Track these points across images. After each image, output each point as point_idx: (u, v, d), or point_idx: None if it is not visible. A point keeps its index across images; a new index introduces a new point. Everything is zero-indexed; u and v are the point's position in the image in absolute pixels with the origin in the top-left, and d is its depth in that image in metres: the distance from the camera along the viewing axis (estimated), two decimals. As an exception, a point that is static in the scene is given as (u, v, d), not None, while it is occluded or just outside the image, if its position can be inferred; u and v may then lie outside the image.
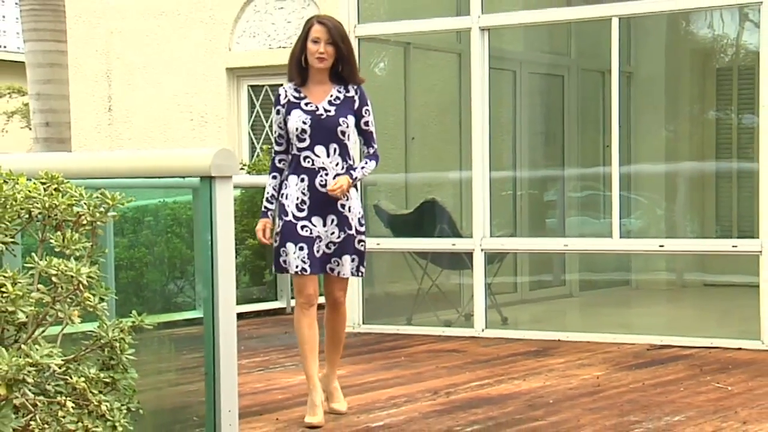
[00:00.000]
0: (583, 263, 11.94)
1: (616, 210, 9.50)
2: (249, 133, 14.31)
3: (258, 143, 14.04)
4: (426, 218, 10.38)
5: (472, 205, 9.84)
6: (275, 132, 6.28)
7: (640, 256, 11.65)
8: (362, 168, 6.21)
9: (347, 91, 6.17)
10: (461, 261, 10.09)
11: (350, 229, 6.15)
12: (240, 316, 5.74)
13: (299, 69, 6.15)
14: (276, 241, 6.27)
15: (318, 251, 6.12)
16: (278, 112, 6.20)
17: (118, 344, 5.10)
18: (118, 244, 6.61)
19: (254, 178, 11.64)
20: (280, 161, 6.27)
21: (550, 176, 12.66)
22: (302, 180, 6.10)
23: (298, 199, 6.10)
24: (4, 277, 4.58)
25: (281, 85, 14.25)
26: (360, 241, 6.20)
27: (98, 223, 5.13)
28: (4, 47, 38.87)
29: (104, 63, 15.29)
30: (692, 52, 13.52)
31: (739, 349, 8.72)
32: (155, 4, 14.75)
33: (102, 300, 5.03)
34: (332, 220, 6.12)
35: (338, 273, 6.19)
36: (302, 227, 6.09)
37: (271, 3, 14.11)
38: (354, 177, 6.15)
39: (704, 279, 11.86)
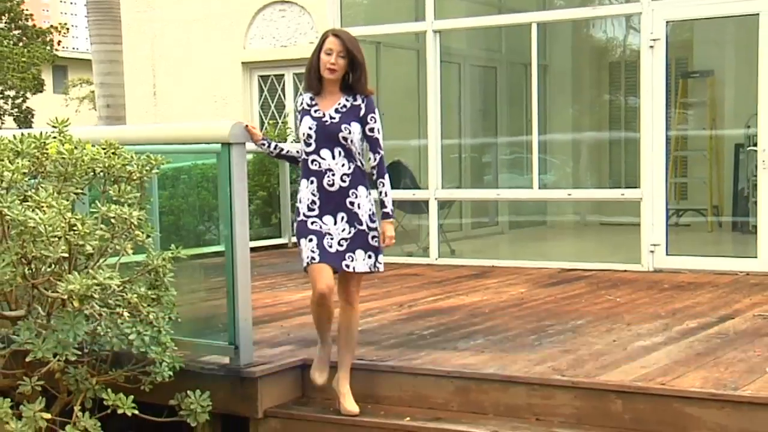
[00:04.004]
0: (511, 208, 11.96)
1: (536, 168, 9.51)
2: (259, 112, 14.25)
3: (265, 119, 13.97)
4: (393, 175, 10.30)
5: (428, 164, 9.86)
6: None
7: (554, 202, 11.69)
8: (385, 194, 5.06)
9: (354, 100, 5.00)
10: (420, 207, 10.09)
11: (361, 224, 4.98)
12: (253, 249, 5.69)
13: (317, 78, 5.02)
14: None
15: (330, 246, 4.93)
16: (295, 119, 5.26)
17: (161, 270, 5.12)
18: (161, 195, 6.55)
19: (263, 146, 11.57)
20: (298, 152, 5.11)
21: (486, 143, 12.64)
22: (311, 182, 4.99)
23: (309, 200, 4.99)
24: (76, 218, 4.58)
25: (283, 75, 14.28)
26: (374, 237, 5.01)
27: (145, 178, 5.13)
28: (77, 48, 38.53)
29: (150, 60, 15.15)
30: (591, 50, 13.51)
31: (625, 271, 8.77)
32: (188, 14, 14.61)
33: (149, 236, 5.04)
34: (342, 218, 4.97)
35: (353, 269, 4.95)
36: (312, 223, 4.97)
37: (276, 13, 13.99)
38: (392, 215, 5.11)
39: (601, 219, 11.91)
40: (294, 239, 5.20)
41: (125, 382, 5.08)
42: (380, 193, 5.07)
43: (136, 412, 4.86)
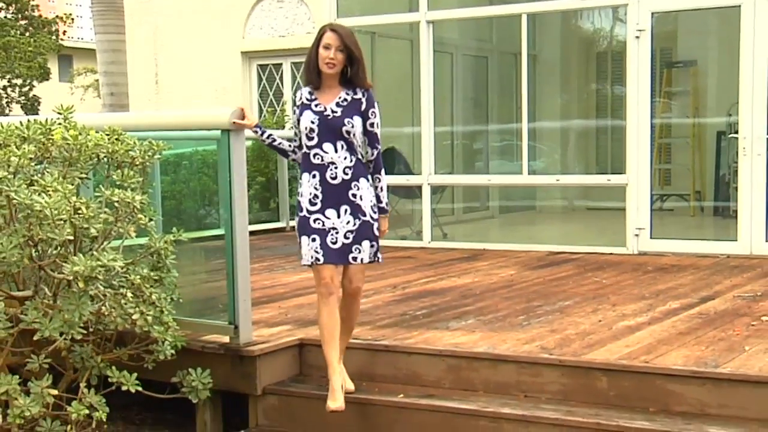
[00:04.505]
0: (501, 193, 11.97)
1: (525, 154, 9.52)
2: (258, 100, 14.22)
3: (264, 106, 13.96)
4: (387, 161, 10.28)
5: (422, 151, 9.85)
6: (293, 129, 5.05)
7: (542, 188, 11.71)
8: (381, 189, 4.95)
9: (355, 94, 4.85)
10: (413, 192, 10.09)
11: (364, 216, 4.82)
12: (251, 233, 5.67)
13: (316, 73, 4.86)
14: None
15: (335, 242, 4.80)
16: (294, 113, 5.05)
17: (163, 252, 5.12)
18: (163, 180, 6.52)
19: (262, 132, 11.54)
20: (290, 146, 5.05)
21: (477, 130, 12.64)
22: (314, 176, 4.83)
23: (311, 194, 4.83)
24: (81, 202, 4.58)
25: (281, 64, 14.24)
26: (377, 227, 4.90)
27: (147, 163, 5.12)
28: (82, 38, 38.39)
29: (152, 49, 15.11)
30: (579, 40, 13.50)
31: (611, 254, 8.79)
32: (189, 5, 14.57)
33: (151, 220, 5.04)
34: (345, 210, 4.81)
35: (360, 260, 4.84)
36: (315, 220, 4.81)
37: (274, 4, 13.94)
38: (387, 210, 4.98)
39: (587, 204, 11.93)
40: (292, 223, 5.10)
41: (129, 360, 5.09)
42: (376, 188, 4.94)
43: (140, 388, 4.88)
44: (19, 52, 25.98)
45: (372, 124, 4.90)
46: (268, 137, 5.06)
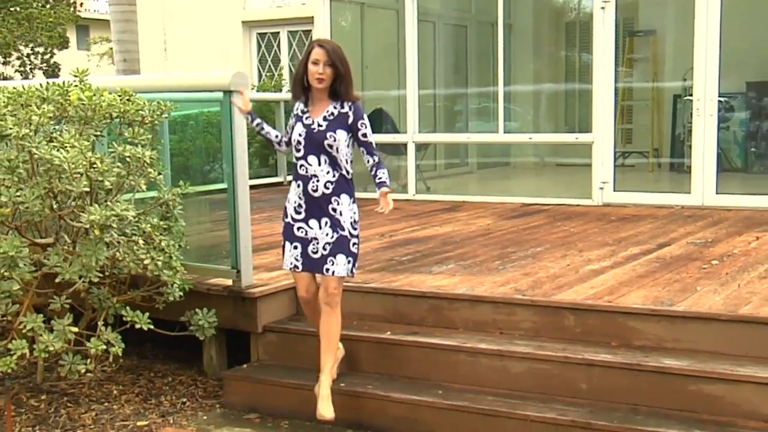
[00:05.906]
0: (479, 150, 11.93)
1: (501, 115, 9.48)
2: (257, 66, 14.09)
3: (263, 71, 13.83)
4: (375, 121, 10.25)
5: (407, 112, 9.78)
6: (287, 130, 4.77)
7: (516, 145, 11.66)
8: (384, 178, 4.60)
9: (342, 108, 4.52)
10: (399, 149, 10.04)
11: (343, 230, 4.53)
12: (252, 187, 5.62)
13: (303, 88, 4.56)
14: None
15: (315, 252, 4.53)
16: (289, 119, 4.76)
17: (171, 203, 5.10)
18: (172, 139, 6.48)
19: (260, 95, 11.46)
20: (276, 137, 4.81)
21: (458, 93, 12.55)
22: (299, 186, 4.56)
23: (295, 203, 4.58)
24: (96, 157, 4.55)
25: (279, 32, 14.08)
26: (354, 243, 4.59)
27: (156, 122, 5.07)
28: (97, 10, 37.99)
29: (161, 19, 14.92)
30: (550, 11, 13.39)
31: (578, 205, 8.79)
32: (194, -22, 14.42)
33: (160, 174, 5.01)
34: (326, 222, 4.52)
35: (333, 272, 4.49)
36: (298, 228, 4.57)
37: (272, -23, 13.82)
38: (390, 186, 4.62)
39: (557, 160, 11.92)
40: (290, 178, 4.96)
41: (142, 301, 5.08)
42: (383, 173, 4.59)
43: (152, 327, 4.87)
44: (41, 23, 25.69)
45: (364, 135, 4.57)
46: (257, 125, 4.84)
